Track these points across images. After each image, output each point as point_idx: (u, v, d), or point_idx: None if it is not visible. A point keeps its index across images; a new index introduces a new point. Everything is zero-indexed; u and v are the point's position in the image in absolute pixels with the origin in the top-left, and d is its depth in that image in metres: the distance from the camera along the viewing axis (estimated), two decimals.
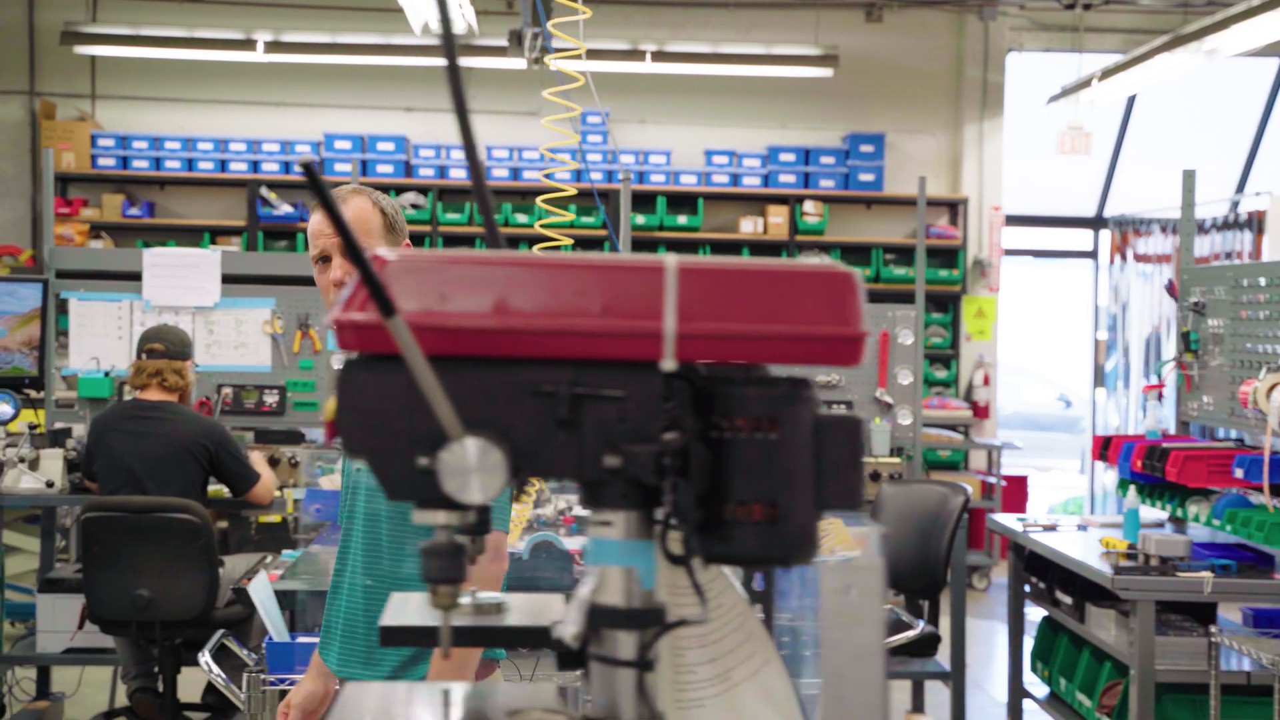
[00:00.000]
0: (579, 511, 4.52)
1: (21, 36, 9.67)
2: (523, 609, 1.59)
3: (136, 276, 5.36)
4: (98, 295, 5.28)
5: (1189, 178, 5.01)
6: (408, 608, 1.57)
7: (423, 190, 9.61)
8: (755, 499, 1.21)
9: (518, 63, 9.23)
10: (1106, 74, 8.95)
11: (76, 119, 9.64)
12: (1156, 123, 10.70)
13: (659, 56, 9.06)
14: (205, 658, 3.23)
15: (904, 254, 9.82)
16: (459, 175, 9.68)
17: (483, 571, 2.53)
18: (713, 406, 1.23)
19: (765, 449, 1.21)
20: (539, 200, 3.95)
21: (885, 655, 1.17)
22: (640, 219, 9.68)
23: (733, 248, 9.78)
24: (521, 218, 9.62)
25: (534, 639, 1.50)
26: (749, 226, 9.78)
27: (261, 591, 3.19)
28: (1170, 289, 4.92)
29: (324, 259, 2.63)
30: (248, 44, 8.99)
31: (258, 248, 9.36)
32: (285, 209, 9.45)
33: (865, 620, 1.14)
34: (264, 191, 9.49)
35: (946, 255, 9.87)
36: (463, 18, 7.86)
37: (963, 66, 9.99)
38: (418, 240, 9.51)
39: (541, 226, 3.73)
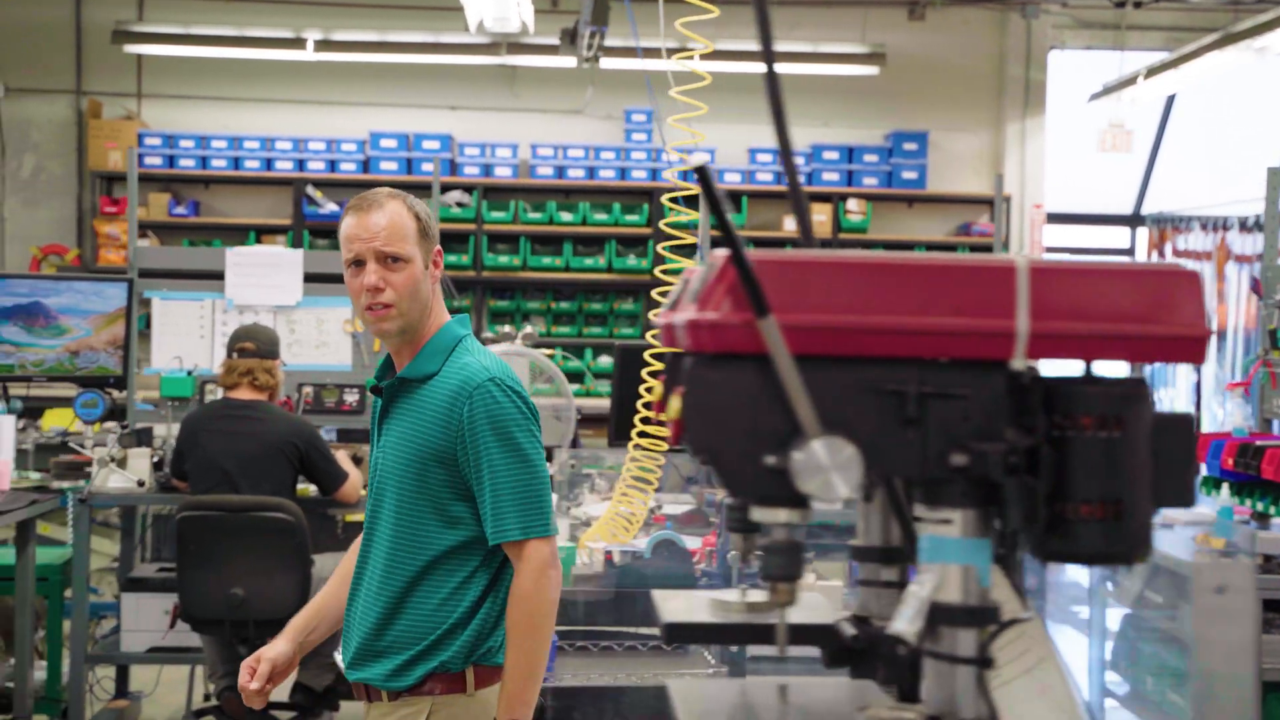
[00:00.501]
0: (668, 510, 4.53)
1: (69, 36, 9.68)
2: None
3: (216, 276, 5.37)
4: (180, 295, 5.30)
5: (1275, 175, 5.02)
6: (683, 604, 1.58)
7: (468, 189, 9.61)
8: (1099, 497, 1.22)
9: (563, 61, 9.27)
10: (1152, 72, 8.95)
11: (123, 118, 9.65)
12: (1195, 119, 10.69)
13: (708, 55, 9.04)
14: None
15: (948, 252, 9.83)
16: (504, 174, 9.68)
17: (527, 587, 2.52)
18: (1054, 405, 1.24)
19: (1109, 447, 1.22)
20: (664, 199, 3.94)
21: (1259, 654, 1.18)
22: (684, 217, 9.68)
23: (777, 245, 9.76)
24: (566, 215, 9.63)
25: (818, 636, 1.51)
26: (793, 224, 9.78)
27: None
28: (1255, 287, 4.93)
29: (357, 263, 2.60)
30: (297, 43, 9.01)
31: (303, 246, 9.36)
32: (331, 207, 9.46)
33: (1239, 619, 1.15)
34: (310, 190, 9.50)
35: (988, 253, 9.87)
36: (518, 16, 7.87)
37: (1005, 64, 10.00)
38: (462, 239, 9.53)
39: (666, 225, 3.73)
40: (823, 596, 1.62)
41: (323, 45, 9.01)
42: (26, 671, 4.77)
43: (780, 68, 5.92)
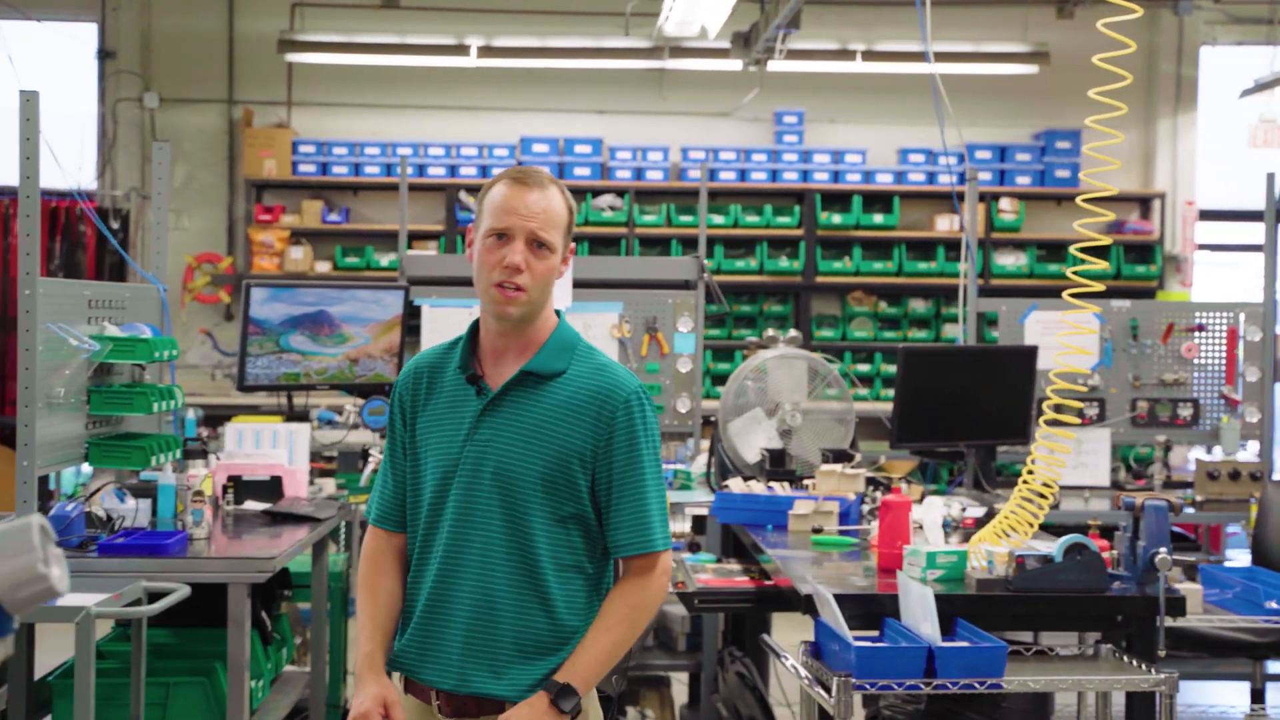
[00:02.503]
0: (973, 513, 4.51)
1: (221, 46, 9.72)
2: None
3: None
4: (451, 301, 5.29)
5: None
6: None
7: (619, 192, 9.62)
8: None
9: (715, 64, 9.26)
10: None
11: (274, 126, 9.69)
12: None
13: (869, 56, 9.06)
14: (792, 661, 3.23)
15: (1099, 250, 9.80)
16: (655, 176, 9.68)
17: (653, 592, 2.52)
18: None
19: None
20: (1079, 200, 3.92)
21: None
22: (836, 218, 9.68)
23: (928, 245, 9.77)
24: (717, 218, 9.62)
25: None
26: (944, 224, 9.76)
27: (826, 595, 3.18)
28: None
29: (502, 235, 2.46)
30: (460, 49, 9.04)
31: (456, 251, 9.37)
32: None
33: None
34: (462, 195, 9.51)
35: (1141, 251, 9.84)
36: (700, 20, 7.86)
37: (1156, 61, 9.96)
38: (613, 242, 9.53)
39: (1080, 226, 3.70)
40: None
41: (485, 51, 9.03)
42: (323, 679, 4.78)
43: (937, 67, 5.96)
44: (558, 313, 2.61)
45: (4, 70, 8.29)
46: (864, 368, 9.61)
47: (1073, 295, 3.51)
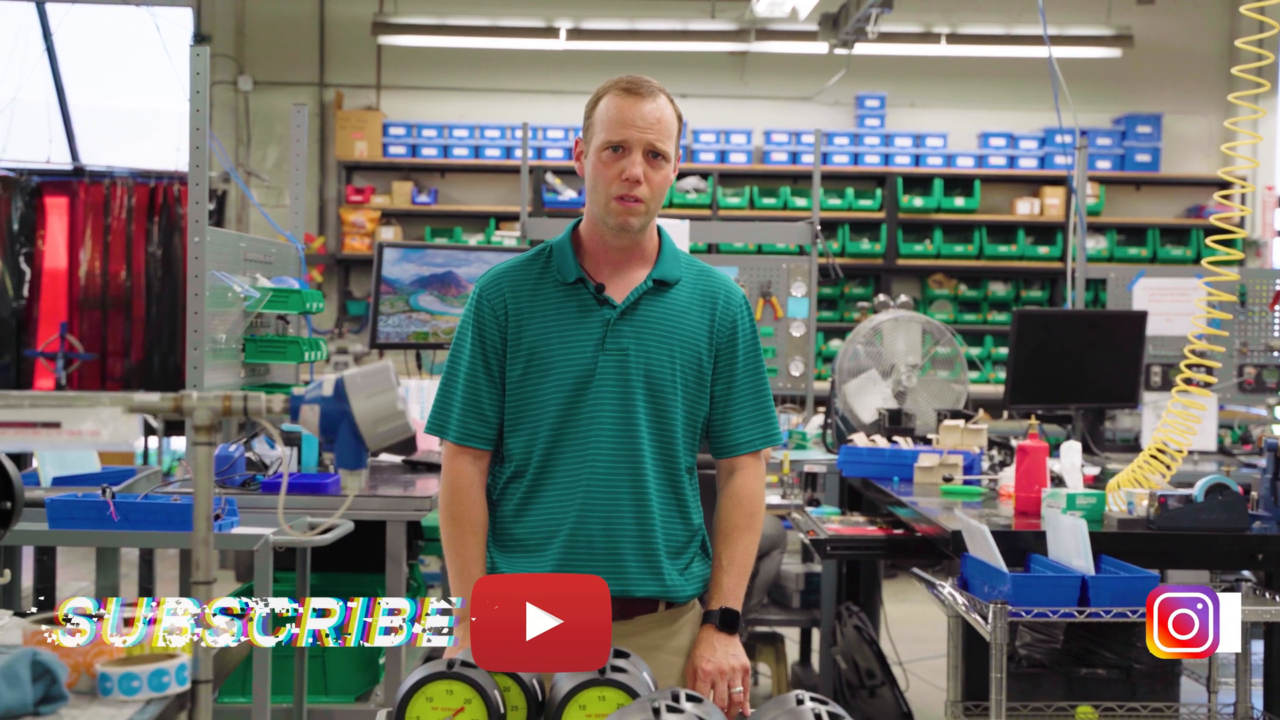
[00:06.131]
0: (1089, 471, 4.58)
1: (313, 30, 9.92)
2: None
3: None
4: None
5: None
6: None
7: (703, 174, 9.74)
8: None
9: (801, 46, 9.37)
10: None
11: (363, 109, 9.88)
12: None
13: (953, 39, 9.15)
14: (948, 589, 3.34)
15: (1179, 235, 9.85)
16: (739, 160, 9.80)
17: (758, 489, 2.60)
18: None
19: None
20: (1220, 175, 4.00)
21: None
22: (918, 201, 9.77)
23: (1009, 229, 9.84)
24: (800, 201, 9.72)
25: None
26: (1025, 208, 9.83)
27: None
28: None
29: (617, 148, 2.47)
30: (549, 32, 9.20)
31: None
32: (570, 194, 9.63)
33: None
34: (549, 178, 9.67)
35: (1222, 234, 9.85)
36: (791, 1, 7.97)
37: (1236, 45, 9.98)
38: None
39: (1217, 220, 3.79)
40: None
41: (574, 34, 9.18)
42: None
43: (1021, 50, 6.19)
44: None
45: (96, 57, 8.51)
46: (944, 350, 9.68)
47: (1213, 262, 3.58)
